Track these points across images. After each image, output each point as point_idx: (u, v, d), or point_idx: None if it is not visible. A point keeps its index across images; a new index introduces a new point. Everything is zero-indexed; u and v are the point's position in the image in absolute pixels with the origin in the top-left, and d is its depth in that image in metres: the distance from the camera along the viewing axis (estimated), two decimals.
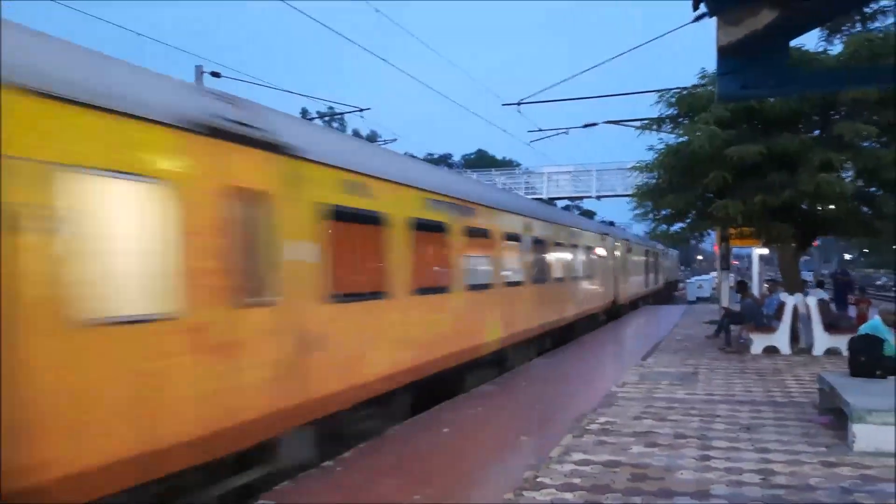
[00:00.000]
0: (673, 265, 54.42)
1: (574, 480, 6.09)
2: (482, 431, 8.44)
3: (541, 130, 20.06)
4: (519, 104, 18.15)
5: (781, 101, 13.99)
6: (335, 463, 6.88)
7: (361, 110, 21.07)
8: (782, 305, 14.64)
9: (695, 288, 44.34)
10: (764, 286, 21.21)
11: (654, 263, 38.26)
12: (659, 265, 40.69)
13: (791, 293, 15.04)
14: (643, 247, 33.87)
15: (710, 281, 38.72)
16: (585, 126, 19.47)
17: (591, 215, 57.16)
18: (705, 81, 15.38)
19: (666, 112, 15.79)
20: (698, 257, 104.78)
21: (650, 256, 36.24)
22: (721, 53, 2.63)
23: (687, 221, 16.13)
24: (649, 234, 19.61)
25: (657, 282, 39.05)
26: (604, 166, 39.38)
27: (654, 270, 38.20)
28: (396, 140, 36.52)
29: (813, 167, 13.31)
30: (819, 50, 14.34)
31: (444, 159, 76.22)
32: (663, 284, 42.29)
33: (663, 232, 16.82)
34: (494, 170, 48.53)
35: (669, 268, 49.53)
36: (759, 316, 15.28)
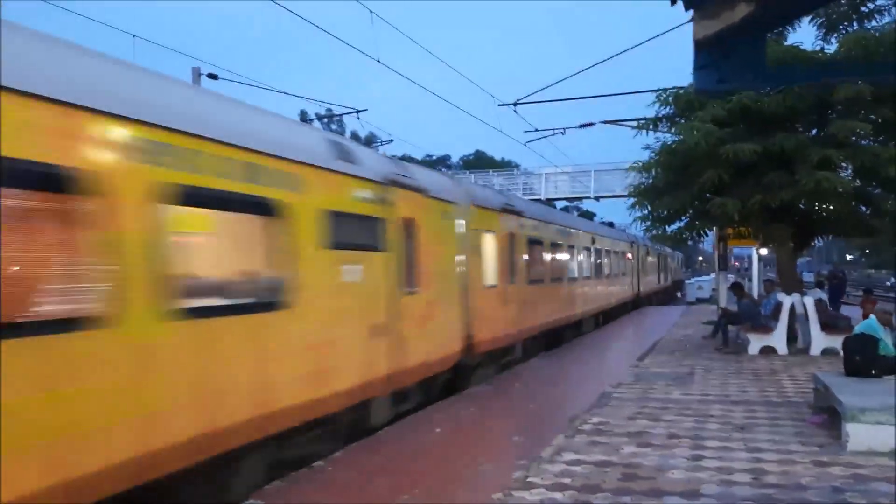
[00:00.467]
0: (678, 266, 60.11)
1: (564, 480, 6.05)
2: (475, 432, 8.42)
3: (537, 131, 20.03)
4: (515, 104, 18.14)
5: (777, 100, 13.98)
6: (326, 462, 6.85)
7: (358, 111, 21.10)
8: (779, 305, 14.60)
9: (694, 289, 43.71)
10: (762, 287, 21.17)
11: (664, 264, 44.60)
12: (667, 266, 46.74)
13: (788, 293, 15.00)
14: (655, 250, 39.40)
15: (710, 282, 38.57)
16: (582, 126, 19.47)
17: (591, 216, 57.17)
18: None
19: (662, 111, 15.76)
20: (699, 258, 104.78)
21: (660, 259, 42.49)
22: (698, 47, 2.60)
23: (684, 221, 16.09)
24: (647, 235, 19.54)
25: (666, 280, 45.63)
26: (602, 167, 39.40)
27: (664, 270, 44.47)
28: (392, 141, 36.51)
29: (810, 165, 13.29)
30: (816, 49, 14.33)
31: (443, 160, 76.23)
32: (671, 283, 48.20)
33: (660, 232, 16.77)
34: (492, 171, 48.55)
35: (675, 268, 55.11)
36: (757, 316, 15.26)
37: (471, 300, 11.24)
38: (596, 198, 41.62)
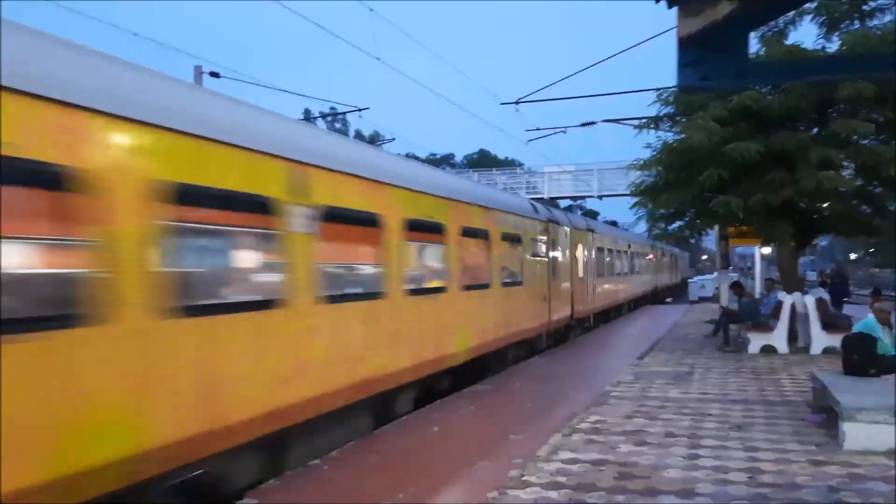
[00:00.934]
0: (685, 265, 67.38)
1: (560, 479, 6.06)
2: (472, 430, 8.42)
3: (538, 129, 20.01)
4: (517, 103, 18.13)
5: (779, 99, 13.94)
6: (322, 461, 6.86)
7: (360, 110, 21.12)
8: (780, 304, 14.57)
9: (697, 288, 42.77)
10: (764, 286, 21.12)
11: (675, 263, 51.59)
12: (678, 265, 54.17)
13: (789, 292, 14.97)
14: (668, 252, 46.06)
15: (713, 280, 38.31)
16: (583, 125, 19.44)
17: (594, 215, 57.15)
18: None
19: (664, 110, 15.73)
20: (703, 257, 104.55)
21: (672, 259, 49.27)
22: (681, 44, 2.60)
23: (685, 220, 16.06)
24: (649, 234, 19.54)
25: (677, 277, 52.34)
26: (605, 165, 39.36)
27: (675, 268, 51.71)
28: (394, 139, 36.64)
29: (812, 165, 13.24)
30: (818, 47, 14.27)
31: (447, 159, 76.25)
32: (680, 279, 54.17)
33: (661, 230, 16.75)
34: (496, 169, 48.55)
35: (683, 267, 62.13)
36: (757, 315, 15.22)
37: (572, 287, 18.11)
38: (599, 196, 41.61)
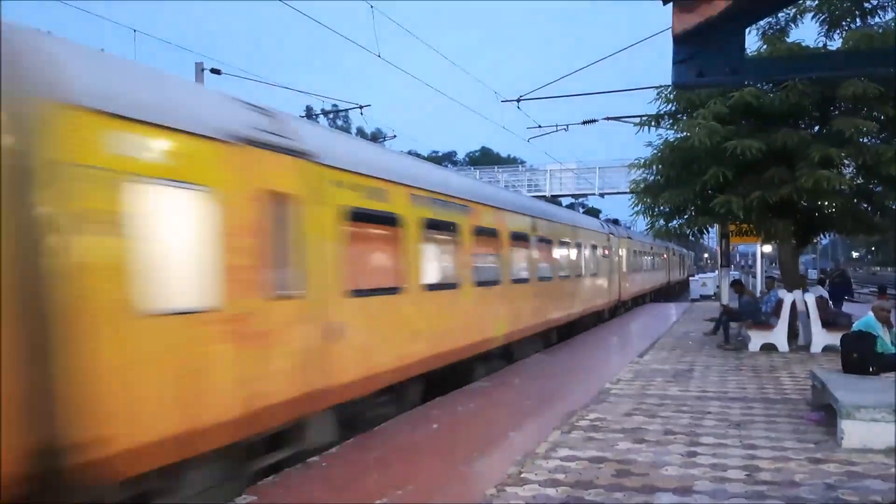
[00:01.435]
0: (691, 262, 74.99)
1: (558, 476, 6.06)
2: (471, 427, 8.43)
3: (540, 127, 20.00)
4: (518, 100, 18.14)
5: (781, 97, 13.90)
6: (320, 458, 6.87)
7: (361, 107, 21.10)
8: (780, 302, 14.56)
9: (698, 286, 42.33)
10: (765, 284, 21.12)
11: (682, 262, 59.39)
12: (685, 262, 62.15)
13: (790, 290, 14.96)
14: (678, 251, 52.87)
15: (714, 278, 38.17)
16: (585, 122, 19.42)
17: (596, 213, 57.13)
18: None
19: (664, 108, 15.70)
20: (704, 255, 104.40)
21: (680, 257, 56.39)
22: (676, 41, 2.60)
23: (685, 217, 16.04)
24: (649, 231, 19.51)
25: (684, 273, 59.39)
26: (607, 163, 39.34)
27: (682, 266, 59.60)
28: (396, 137, 36.68)
29: (812, 163, 13.21)
30: (819, 45, 14.24)
31: (449, 157, 76.24)
32: (686, 276, 60.05)
33: (661, 228, 16.73)
34: (498, 167, 48.54)
35: (689, 264, 69.91)
36: (758, 313, 15.21)
37: (620, 278, 25.27)
38: (600, 194, 41.61)
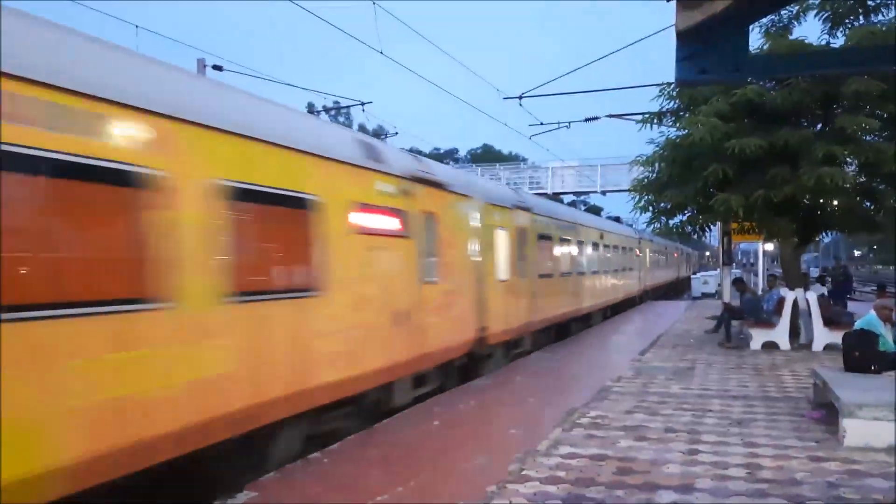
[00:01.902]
0: (696, 260, 79.76)
1: (559, 473, 6.06)
2: (473, 424, 8.43)
3: (542, 124, 19.96)
4: (520, 98, 18.09)
5: (783, 95, 13.86)
6: (322, 455, 6.88)
7: (363, 104, 21.03)
8: (782, 301, 14.55)
9: (700, 284, 42.13)
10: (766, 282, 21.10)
11: (689, 259, 65.88)
12: (691, 260, 68.80)
13: (792, 288, 14.94)
14: (685, 250, 59.42)
15: (716, 276, 38.16)
16: (587, 120, 19.39)
17: (598, 210, 57.07)
18: None
19: (667, 105, 15.67)
20: (706, 253, 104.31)
21: (686, 256, 62.56)
22: (680, 38, 2.59)
23: (687, 215, 16.01)
24: (651, 230, 19.47)
25: (690, 270, 64.21)
26: (608, 161, 39.32)
27: (689, 263, 66.13)
28: (397, 133, 36.70)
29: (815, 161, 13.18)
30: (822, 43, 14.20)
31: (451, 154, 76.20)
32: (692, 272, 63.92)
33: (663, 226, 16.70)
34: (499, 164, 48.51)
35: (694, 262, 75.25)
36: (759, 311, 15.20)
37: (643, 272, 31.69)
38: (602, 192, 41.58)
